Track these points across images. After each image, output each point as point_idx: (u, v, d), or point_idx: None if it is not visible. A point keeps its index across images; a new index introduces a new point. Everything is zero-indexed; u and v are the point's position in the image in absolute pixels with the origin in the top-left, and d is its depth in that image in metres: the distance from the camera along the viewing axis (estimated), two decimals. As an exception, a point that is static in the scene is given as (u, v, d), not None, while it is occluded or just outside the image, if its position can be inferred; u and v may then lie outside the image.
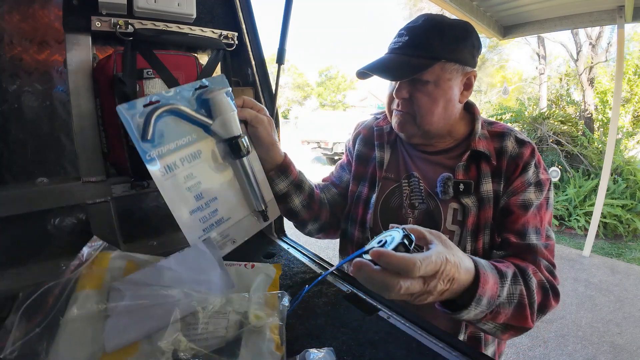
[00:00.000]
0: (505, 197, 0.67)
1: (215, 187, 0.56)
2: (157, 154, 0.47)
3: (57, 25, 0.67)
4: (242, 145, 0.55)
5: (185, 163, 0.51)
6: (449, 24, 0.66)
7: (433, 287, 0.39)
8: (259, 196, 0.60)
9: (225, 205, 0.57)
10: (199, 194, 0.52)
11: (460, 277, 0.42)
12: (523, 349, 2.23)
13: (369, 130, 0.85)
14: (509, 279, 0.53)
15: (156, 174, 0.47)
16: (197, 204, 0.52)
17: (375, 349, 0.46)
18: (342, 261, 0.47)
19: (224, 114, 0.54)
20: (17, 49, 0.65)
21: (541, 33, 4.94)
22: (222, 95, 0.54)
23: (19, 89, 0.66)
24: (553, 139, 5.33)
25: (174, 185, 0.49)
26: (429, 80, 0.65)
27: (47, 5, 0.66)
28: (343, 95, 25.23)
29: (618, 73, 3.37)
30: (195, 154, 0.53)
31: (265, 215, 0.62)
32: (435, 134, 0.72)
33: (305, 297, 0.59)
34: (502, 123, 0.75)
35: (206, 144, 0.55)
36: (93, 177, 0.66)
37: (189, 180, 0.51)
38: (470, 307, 0.46)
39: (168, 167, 0.49)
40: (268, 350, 0.40)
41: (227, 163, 0.57)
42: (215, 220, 0.55)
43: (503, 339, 0.58)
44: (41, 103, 0.68)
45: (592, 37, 7.24)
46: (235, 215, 0.59)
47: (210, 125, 0.54)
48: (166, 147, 0.49)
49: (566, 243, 4.21)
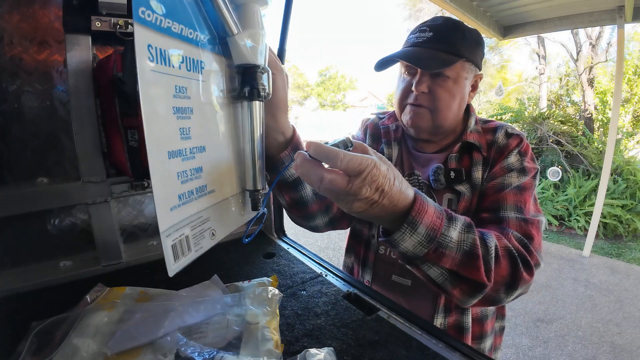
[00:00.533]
0: (485, 182, 0.68)
1: (207, 131, 0.38)
2: (154, 19, 0.30)
3: (57, 25, 0.67)
4: (262, 82, 0.40)
5: (182, 68, 0.34)
6: (467, 27, 0.70)
7: (358, 189, 0.37)
8: (257, 168, 0.43)
9: (212, 166, 0.39)
10: (186, 129, 0.35)
11: (392, 193, 0.40)
12: (523, 349, 2.23)
13: (375, 127, 0.86)
14: (460, 224, 0.48)
15: (143, 50, 0.29)
16: (180, 144, 0.34)
17: (375, 349, 0.46)
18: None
19: (255, 30, 0.40)
20: (17, 49, 0.65)
21: (541, 33, 4.94)
22: (257, 7, 0.41)
23: (19, 89, 0.66)
24: (553, 139, 5.33)
25: (161, 90, 0.32)
26: (449, 76, 0.67)
27: (47, 5, 0.66)
28: (343, 95, 25.26)
29: (618, 73, 3.37)
30: (197, 63, 0.36)
31: (256, 202, 0.45)
32: (445, 131, 0.74)
33: (305, 297, 0.59)
34: (497, 121, 0.76)
35: (212, 59, 0.39)
36: (93, 177, 0.66)
37: (180, 97, 0.34)
38: (403, 229, 0.43)
39: (162, 53, 0.31)
40: (267, 349, 0.40)
41: (228, 103, 0.42)
42: (197, 186, 0.37)
43: (455, 295, 0.50)
44: (41, 103, 0.68)
45: (592, 37, 7.24)
46: (221, 189, 0.41)
47: (234, 35, 0.38)
48: (169, 21, 0.32)
49: (566, 243, 4.21)
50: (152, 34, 0.30)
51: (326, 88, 25.17)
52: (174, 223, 0.33)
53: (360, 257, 0.81)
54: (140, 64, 0.29)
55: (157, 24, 0.31)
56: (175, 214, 0.34)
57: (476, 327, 0.72)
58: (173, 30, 0.33)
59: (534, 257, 0.56)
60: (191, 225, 0.36)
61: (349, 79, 25.51)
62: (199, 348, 0.39)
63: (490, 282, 0.48)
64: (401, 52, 0.69)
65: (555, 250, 3.96)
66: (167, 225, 0.32)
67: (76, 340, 0.38)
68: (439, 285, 0.49)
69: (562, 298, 2.89)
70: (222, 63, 0.41)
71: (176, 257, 0.34)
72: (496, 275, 0.50)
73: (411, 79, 0.70)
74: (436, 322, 0.69)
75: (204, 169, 0.38)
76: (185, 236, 0.35)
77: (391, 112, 0.87)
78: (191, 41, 0.36)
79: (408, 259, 0.47)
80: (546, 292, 3.00)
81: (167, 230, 0.32)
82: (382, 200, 0.40)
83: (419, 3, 12.06)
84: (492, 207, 0.64)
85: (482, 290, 0.49)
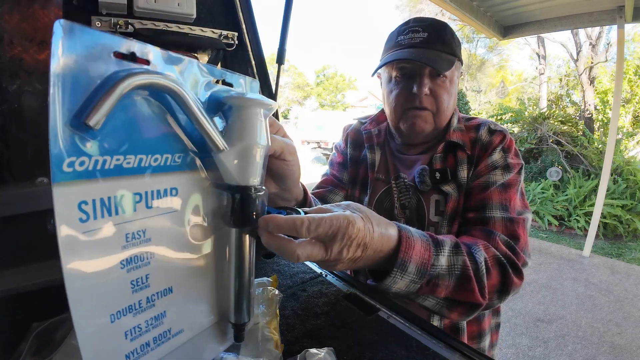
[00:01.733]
0: (470, 181, 0.68)
1: (176, 269, 0.31)
2: (92, 166, 0.23)
3: (57, 25, 0.67)
4: (258, 207, 0.33)
5: (139, 208, 0.27)
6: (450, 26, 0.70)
7: (338, 253, 0.35)
8: (245, 301, 0.36)
9: (181, 307, 0.32)
10: (141, 279, 0.28)
11: (374, 243, 0.38)
12: (523, 349, 2.23)
13: (356, 133, 0.85)
14: (448, 248, 0.47)
15: (65, 214, 0.23)
16: (132, 297, 0.27)
17: (375, 349, 0.46)
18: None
19: (251, 144, 0.32)
20: (17, 49, 0.65)
21: (541, 33, 4.94)
22: (258, 112, 0.33)
23: (19, 89, 0.66)
24: (553, 139, 5.34)
25: (97, 246, 0.24)
26: (447, 76, 0.67)
27: (47, 5, 0.66)
28: (342, 95, 25.24)
29: (618, 73, 3.38)
30: (163, 196, 0.29)
31: (240, 334, 0.37)
32: (439, 132, 0.73)
33: (305, 297, 0.59)
34: (480, 118, 0.76)
35: (188, 181, 0.31)
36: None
37: (135, 244, 0.27)
38: (394, 273, 0.42)
39: (104, 203, 0.24)
40: (267, 349, 0.40)
41: (212, 228, 0.34)
42: (156, 334, 0.30)
43: (452, 318, 0.50)
44: (41, 103, 0.68)
45: (592, 37, 7.25)
46: (192, 326, 0.34)
47: (219, 152, 0.31)
48: (119, 158, 0.25)
49: (566, 243, 4.21)
50: (87, 185, 0.23)
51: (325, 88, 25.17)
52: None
53: None
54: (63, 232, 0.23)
55: (96, 169, 0.24)
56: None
57: (474, 327, 0.72)
58: (126, 166, 0.26)
59: (521, 259, 0.57)
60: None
61: (348, 78, 25.53)
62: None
63: (485, 299, 0.49)
64: (408, 54, 0.66)
65: (555, 250, 3.96)
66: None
67: (76, 341, 0.38)
68: (435, 312, 0.50)
69: (562, 298, 2.89)
70: (203, 182, 0.33)
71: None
72: (488, 286, 0.51)
73: (408, 82, 0.69)
74: (433, 323, 0.69)
75: (169, 313, 0.31)
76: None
77: (373, 116, 0.86)
78: (156, 169, 0.28)
79: (402, 295, 0.47)
80: (546, 292, 3.00)
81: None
82: (365, 254, 0.38)
83: (418, 4, 12.07)
84: (478, 206, 0.64)
85: (478, 308, 0.50)
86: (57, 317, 0.43)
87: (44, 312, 0.43)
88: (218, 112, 0.33)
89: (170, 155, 0.29)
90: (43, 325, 0.41)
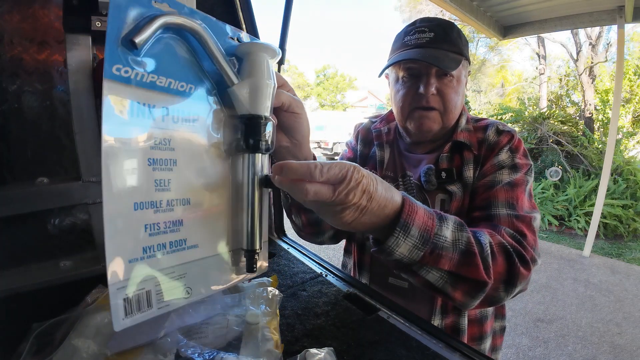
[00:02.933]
0: (476, 181, 0.67)
1: (195, 183, 0.36)
2: (133, 76, 0.30)
3: (57, 25, 0.67)
4: (265, 134, 0.38)
5: (166, 120, 0.33)
6: (457, 25, 0.70)
7: (344, 196, 0.36)
8: (257, 227, 0.38)
9: (197, 221, 0.36)
10: (164, 181, 0.32)
11: (378, 196, 0.39)
12: (523, 349, 2.23)
13: (366, 131, 0.86)
14: (452, 224, 0.46)
15: (111, 108, 0.28)
16: (155, 195, 0.31)
17: (375, 349, 0.46)
18: None
19: (258, 79, 0.38)
20: (17, 49, 0.65)
21: (541, 33, 4.94)
22: (264, 57, 0.39)
23: (19, 89, 0.66)
24: (553, 139, 5.34)
25: (130, 147, 0.30)
26: (454, 75, 0.67)
27: (47, 5, 0.66)
28: (342, 95, 25.24)
29: (618, 73, 3.38)
30: (187, 116, 0.35)
31: (252, 263, 0.39)
32: (447, 131, 0.74)
33: (305, 297, 0.59)
34: (489, 119, 0.76)
35: (208, 110, 0.37)
36: (93, 177, 0.66)
37: (161, 149, 0.32)
38: (397, 233, 0.41)
39: (141, 106, 0.30)
40: (267, 349, 0.40)
41: (227, 155, 0.39)
42: (173, 239, 0.33)
43: (457, 299, 0.48)
44: (41, 103, 0.68)
45: (592, 37, 7.25)
46: (207, 245, 0.37)
47: (232, 86, 0.37)
48: (153, 76, 0.31)
49: (566, 243, 4.21)
50: (128, 88, 0.29)
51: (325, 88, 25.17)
52: (131, 276, 0.30)
53: (357, 259, 0.81)
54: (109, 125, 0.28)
55: (137, 80, 0.30)
56: (136, 267, 0.30)
57: (475, 328, 0.71)
58: (158, 84, 0.32)
59: (529, 252, 0.55)
60: (157, 281, 0.32)
61: (348, 78, 25.53)
62: (199, 348, 0.39)
63: (490, 279, 0.47)
64: (414, 54, 0.66)
65: (555, 250, 3.96)
66: (121, 277, 0.29)
67: (76, 341, 0.38)
68: (438, 290, 0.48)
69: (562, 298, 2.89)
70: (220, 113, 0.38)
71: (128, 312, 0.30)
72: (494, 273, 0.49)
73: (415, 82, 0.69)
74: (433, 324, 0.69)
75: (186, 222, 0.35)
76: (146, 291, 0.31)
77: (383, 115, 0.87)
78: (182, 94, 0.34)
79: (405, 265, 0.45)
80: (546, 292, 3.00)
81: (120, 283, 0.29)
82: (370, 205, 0.38)
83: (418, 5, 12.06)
84: (483, 205, 0.63)
85: (484, 289, 0.48)
86: (57, 318, 0.43)
87: (44, 312, 0.43)
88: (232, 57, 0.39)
89: (193, 85, 0.35)
90: (43, 326, 0.41)
